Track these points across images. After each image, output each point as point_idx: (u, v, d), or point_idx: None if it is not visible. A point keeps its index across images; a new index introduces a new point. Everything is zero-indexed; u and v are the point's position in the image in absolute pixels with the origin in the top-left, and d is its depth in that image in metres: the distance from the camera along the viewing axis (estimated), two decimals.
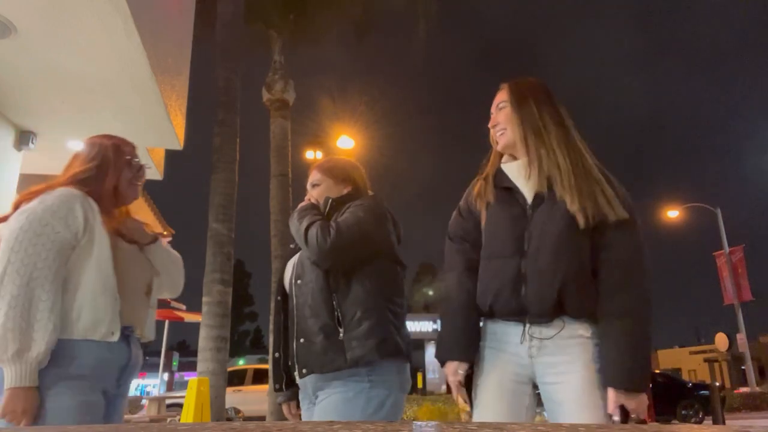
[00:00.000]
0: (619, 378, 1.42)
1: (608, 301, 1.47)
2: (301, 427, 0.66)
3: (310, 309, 1.71)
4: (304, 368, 1.70)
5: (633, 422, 1.44)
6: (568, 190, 1.52)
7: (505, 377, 1.57)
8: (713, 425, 0.73)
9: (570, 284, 1.48)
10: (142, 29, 3.27)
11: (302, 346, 1.71)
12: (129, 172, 1.83)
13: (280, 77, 10.91)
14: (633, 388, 1.41)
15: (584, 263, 1.50)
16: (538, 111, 1.62)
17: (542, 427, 0.67)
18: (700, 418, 12.19)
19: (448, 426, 0.69)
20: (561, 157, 1.56)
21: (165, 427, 0.72)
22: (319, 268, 1.72)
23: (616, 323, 1.45)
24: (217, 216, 7.23)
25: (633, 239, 1.51)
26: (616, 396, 1.42)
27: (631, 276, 1.48)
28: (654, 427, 0.67)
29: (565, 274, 1.48)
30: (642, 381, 1.43)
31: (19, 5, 3.01)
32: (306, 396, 1.80)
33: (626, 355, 1.42)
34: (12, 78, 3.76)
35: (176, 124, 4.61)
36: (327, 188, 1.91)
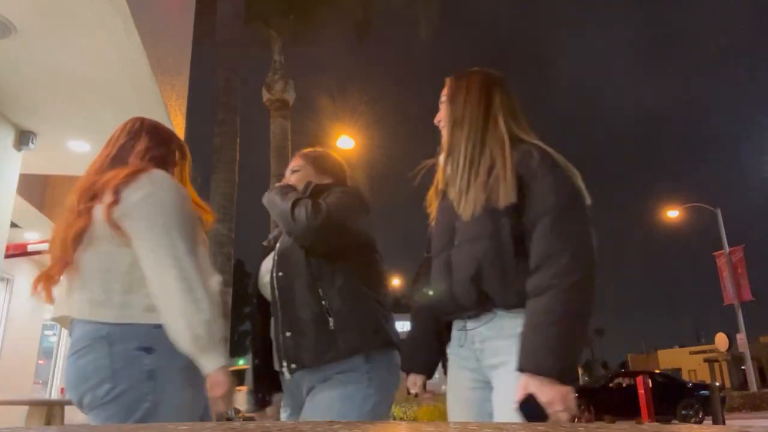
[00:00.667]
0: (524, 360, 1.24)
1: (528, 281, 1.31)
2: (301, 427, 0.66)
3: (296, 301, 1.62)
4: (293, 363, 1.59)
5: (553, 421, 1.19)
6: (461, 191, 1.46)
7: (464, 386, 1.49)
8: (713, 425, 0.73)
9: (487, 270, 1.37)
10: (142, 29, 3.28)
11: (290, 340, 1.60)
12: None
13: (280, 77, 10.92)
14: (542, 372, 1.20)
15: (505, 247, 1.36)
16: (464, 103, 1.55)
17: (542, 427, 0.67)
18: (700, 418, 12.19)
19: (448, 426, 0.69)
20: (462, 154, 1.49)
21: (165, 427, 0.72)
22: (304, 249, 1.64)
23: (530, 304, 1.29)
24: (217, 216, 7.23)
25: (548, 214, 1.33)
26: (524, 382, 1.22)
27: (547, 252, 1.30)
28: (654, 427, 0.67)
29: (480, 259, 1.38)
30: (555, 366, 1.20)
31: (19, 5, 3.01)
32: (292, 398, 1.72)
33: (536, 335, 1.25)
34: (12, 78, 3.76)
35: (176, 124, 4.62)
36: (306, 175, 1.85)
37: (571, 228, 1.32)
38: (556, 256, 1.29)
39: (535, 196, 1.36)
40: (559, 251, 1.29)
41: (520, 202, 1.37)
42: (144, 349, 1.39)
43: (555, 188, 1.36)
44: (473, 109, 1.53)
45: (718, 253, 20.71)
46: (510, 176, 1.39)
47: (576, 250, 1.29)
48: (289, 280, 1.65)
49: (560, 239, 1.30)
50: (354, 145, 14.40)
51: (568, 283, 1.26)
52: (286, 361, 1.61)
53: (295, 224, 1.60)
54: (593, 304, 1.28)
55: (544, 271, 1.29)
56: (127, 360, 1.37)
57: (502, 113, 1.51)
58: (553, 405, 1.19)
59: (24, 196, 5.65)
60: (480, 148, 1.47)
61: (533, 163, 1.39)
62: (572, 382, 1.20)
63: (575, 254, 1.29)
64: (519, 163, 1.40)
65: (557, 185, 1.36)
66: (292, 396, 1.72)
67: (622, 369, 43.41)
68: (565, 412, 1.19)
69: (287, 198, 1.65)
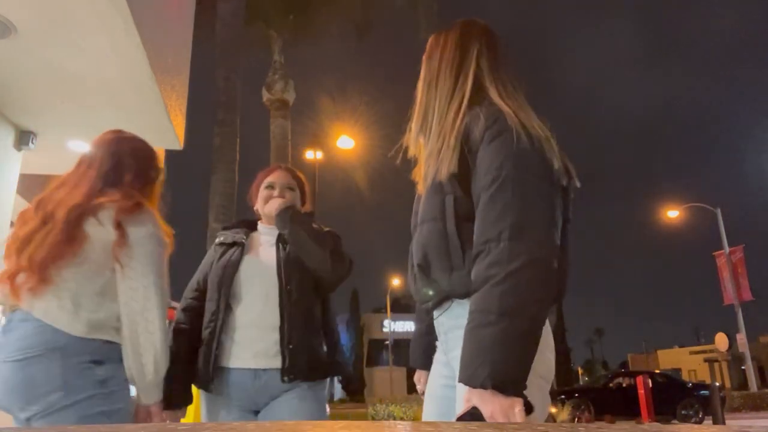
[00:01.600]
0: (461, 370, 1.05)
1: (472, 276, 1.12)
2: (302, 427, 0.66)
3: (301, 319, 1.78)
4: (291, 374, 1.73)
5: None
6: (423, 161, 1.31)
7: (437, 382, 1.37)
8: (713, 425, 0.73)
9: (433, 255, 1.21)
10: (142, 29, 3.27)
11: (292, 352, 1.74)
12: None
13: (280, 77, 10.93)
14: (476, 384, 1.01)
15: (449, 228, 1.18)
16: (439, 62, 1.34)
17: (541, 427, 0.67)
18: (700, 418, 12.19)
19: (448, 426, 0.69)
20: (435, 120, 1.30)
21: (165, 427, 0.72)
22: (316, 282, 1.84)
23: (473, 299, 1.09)
24: (217, 216, 7.24)
25: (488, 189, 1.12)
26: (467, 394, 1.04)
27: (484, 235, 1.09)
28: (654, 427, 0.67)
29: (425, 244, 1.23)
30: (491, 376, 0.99)
31: (19, 5, 3.01)
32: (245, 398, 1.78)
33: (469, 340, 1.05)
34: (12, 78, 3.76)
35: (176, 124, 4.61)
36: (296, 198, 2.01)
37: (514, 205, 1.08)
38: (493, 240, 1.07)
39: (478, 167, 1.16)
40: (497, 235, 1.07)
41: (466, 175, 1.18)
42: (95, 362, 1.50)
43: (498, 158, 1.13)
44: (447, 66, 1.32)
45: (718, 253, 20.71)
46: (453, 143, 1.19)
47: (517, 232, 1.06)
48: (294, 296, 1.79)
49: (500, 221, 1.08)
50: (354, 145, 14.41)
51: (506, 272, 1.03)
52: (286, 370, 1.73)
53: (333, 273, 1.81)
54: (544, 293, 1.06)
55: (480, 260, 1.09)
56: (79, 371, 1.47)
57: (474, 66, 1.30)
58: (494, 420, 0.99)
59: (24, 196, 5.65)
60: (448, 111, 1.27)
61: (479, 127, 1.18)
62: (516, 393, 1.00)
63: (515, 236, 1.05)
64: (466, 128, 1.21)
65: (501, 153, 1.13)
66: (245, 396, 1.78)
67: (622, 369, 43.39)
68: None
69: (321, 242, 1.82)
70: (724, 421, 10.00)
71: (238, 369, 1.76)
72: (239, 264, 1.85)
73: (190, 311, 1.90)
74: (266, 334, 1.76)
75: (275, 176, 1.99)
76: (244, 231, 1.97)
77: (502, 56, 1.35)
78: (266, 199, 1.94)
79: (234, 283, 1.82)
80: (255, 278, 1.82)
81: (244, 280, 1.83)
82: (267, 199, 1.94)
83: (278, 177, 1.98)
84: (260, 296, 1.80)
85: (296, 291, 1.79)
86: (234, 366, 1.76)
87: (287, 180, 1.98)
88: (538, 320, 1.05)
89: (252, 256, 1.88)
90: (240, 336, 1.78)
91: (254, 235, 1.98)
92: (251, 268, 1.85)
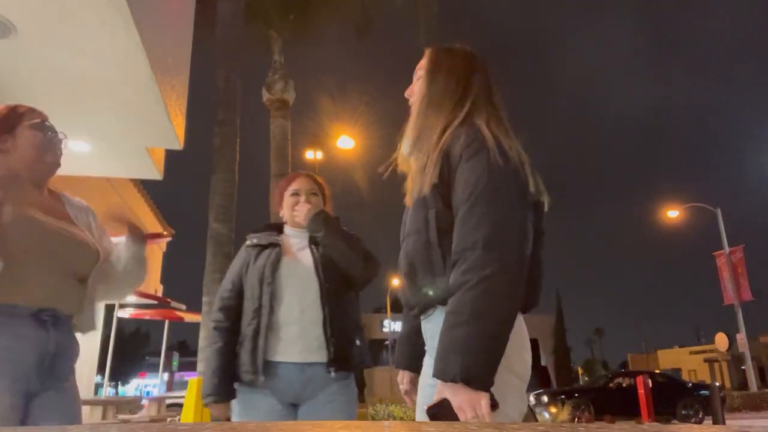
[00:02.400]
0: (435, 364, 1.16)
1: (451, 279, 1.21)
2: (302, 428, 0.66)
3: (339, 313, 1.93)
4: (335, 365, 1.88)
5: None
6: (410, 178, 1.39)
7: (425, 382, 1.42)
8: (713, 425, 0.73)
9: (418, 265, 1.30)
10: (142, 29, 3.27)
11: (335, 345, 1.89)
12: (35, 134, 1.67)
13: (280, 77, 10.92)
14: (447, 378, 1.11)
15: (431, 239, 1.27)
16: (444, 85, 1.42)
17: (542, 427, 0.67)
18: (700, 418, 12.20)
19: (448, 426, 0.69)
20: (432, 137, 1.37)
21: (165, 427, 0.72)
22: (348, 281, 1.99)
23: (449, 303, 1.19)
24: (217, 216, 7.23)
25: (466, 203, 1.22)
26: (439, 387, 1.14)
27: (461, 245, 1.19)
28: (654, 427, 0.67)
29: (411, 255, 1.33)
30: (461, 370, 1.09)
31: (19, 5, 3.01)
32: (287, 390, 1.89)
33: (444, 337, 1.16)
34: (12, 78, 3.76)
35: (176, 124, 4.61)
36: (320, 202, 2.12)
37: (489, 218, 1.18)
38: (469, 249, 1.17)
39: (456, 182, 1.25)
40: (472, 244, 1.17)
41: (447, 189, 1.27)
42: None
43: (475, 174, 1.22)
44: (452, 92, 1.40)
45: (718, 253, 20.71)
46: (436, 158, 1.29)
47: (490, 242, 1.15)
48: (333, 294, 1.94)
49: (474, 231, 1.18)
50: (354, 145, 14.40)
51: (478, 278, 1.13)
52: (332, 362, 1.88)
53: (363, 272, 1.97)
54: (512, 300, 1.16)
55: (457, 267, 1.18)
56: None
57: (471, 99, 1.39)
58: (462, 411, 1.09)
59: None
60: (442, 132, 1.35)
61: (459, 146, 1.27)
62: (483, 388, 1.10)
63: (489, 246, 1.15)
64: (448, 145, 1.30)
65: (477, 170, 1.23)
66: (290, 390, 1.90)
67: (622, 369, 43.37)
68: (476, 419, 1.09)
69: (353, 245, 1.98)
70: (724, 421, 10.00)
71: (284, 363, 1.89)
72: (278, 263, 1.97)
73: (227, 310, 2.01)
74: (308, 330, 1.90)
75: (299, 183, 2.12)
76: (275, 234, 2.11)
77: (494, 86, 1.46)
78: (293, 206, 2.08)
79: (275, 282, 1.94)
80: (294, 277, 1.96)
81: (284, 279, 1.95)
82: (294, 205, 2.07)
83: (302, 183, 2.12)
84: (301, 294, 1.93)
85: (334, 289, 1.94)
86: (280, 360, 1.89)
87: (311, 186, 2.12)
88: (506, 323, 1.15)
89: (289, 257, 2.01)
90: (284, 332, 1.90)
91: (283, 238, 2.10)
92: (290, 268, 1.98)
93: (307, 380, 1.89)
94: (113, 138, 4.64)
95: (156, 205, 12.26)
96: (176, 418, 8.96)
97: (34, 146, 1.64)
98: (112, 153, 4.94)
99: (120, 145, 4.77)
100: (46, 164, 1.67)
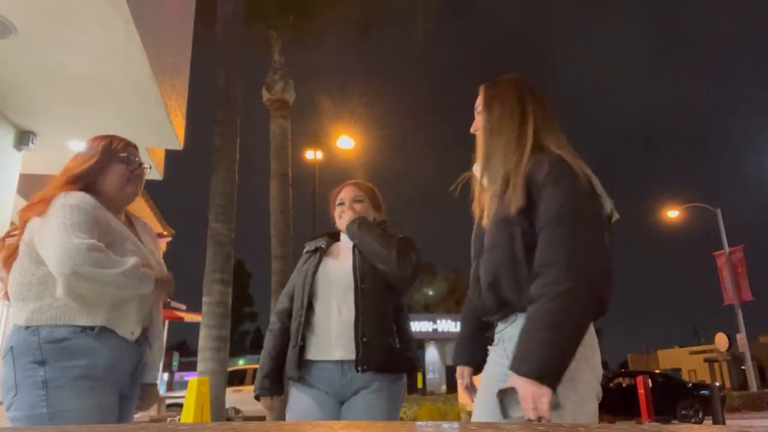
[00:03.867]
0: (514, 360, 1.35)
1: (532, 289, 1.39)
2: (302, 427, 0.66)
3: (373, 314, 1.97)
4: (365, 365, 1.91)
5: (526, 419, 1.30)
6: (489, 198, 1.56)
7: (492, 382, 1.56)
8: (713, 425, 0.73)
9: (504, 277, 1.47)
10: (142, 29, 3.28)
11: (366, 345, 1.93)
12: (121, 167, 1.83)
13: (280, 77, 10.92)
14: (522, 373, 1.30)
15: (518, 253, 1.44)
16: (500, 114, 1.61)
17: (542, 427, 0.67)
18: (700, 418, 12.20)
19: (449, 426, 0.69)
20: (499, 164, 1.56)
21: (165, 427, 0.72)
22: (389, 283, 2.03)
23: (529, 309, 1.37)
24: (217, 216, 7.23)
25: (550, 224, 1.40)
26: (513, 378, 1.34)
27: (543, 261, 1.37)
28: (654, 427, 0.67)
29: (497, 267, 1.49)
30: (530, 365, 1.30)
31: (19, 5, 3.01)
32: (328, 387, 1.98)
33: (523, 340, 1.35)
34: (12, 78, 3.76)
35: (176, 124, 4.61)
36: (368, 208, 2.23)
37: (571, 239, 1.37)
38: (550, 265, 1.35)
39: (541, 205, 1.43)
40: (554, 261, 1.35)
41: (532, 211, 1.44)
42: (38, 363, 1.56)
43: (558, 198, 1.41)
44: (508, 119, 1.59)
45: (718, 253, 20.71)
46: (520, 184, 1.46)
47: (571, 261, 1.34)
48: (368, 294, 2.00)
49: (557, 250, 1.36)
50: (354, 145, 14.41)
51: (557, 291, 1.32)
52: (360, 360, 1.92)
53: (399, 272, 2.00)
54: (587, 312, 1.35)
55: (538, 280, 1.36)
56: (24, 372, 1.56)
57: (532, 122, 1.57)
58: (525, 401, 1.29)
59: (24, 196, 5.64)
60: (513, 157, 1.53)
61: (542, 172, 1.45)
62: (551, 385, 1.28)
63: (570, 265, 1.34)
64: (530, 172, 1.47)
65: (561, 195, 1.41)
66: (332, 388, 1.99)
67: (622, 369, 43.37)
68: (534, 410, 1.28)
69: (388, 244, 2.03)
70: (724, 421, 10.01)
71: (323, 361, 1.98)
72: (318, 267, 2.10)
73: (280, 313, 2.19)
74: (344, 329, 1.97)
75: (344, 193, 2.26)
76: (326, 240, 2.24)
77: (551, 110, 1.63)
78: (339, 215, 2.21)
79: (314, 284, 2.06)
80: (333, 279, 2.06)
81: (323, 281, 2.06)
82: (340, 214, 2.21)
83: (346, 193, 2.25)
84: (338, 295, 2.02)
85: (370, 290, 2.00)
86: (319, 358, 1.98)
87: (354, 194, 2.24)
88: (578, 334, 1.33)
89: (332, 260, 2.13)
90: (321, 331, 2.00)
91: (338, 243, 2.24)
92: (330, 270, 2.09)
93: (347, 378, 1.96)
94: None
95: (156, 205, 12.27)
96: (176, 418, 8.96)
97: (118, 178, 1.82)
98: None
99: None
100: (127, 195, 1.85)
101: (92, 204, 1.67)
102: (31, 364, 1.56)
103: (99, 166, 1.78)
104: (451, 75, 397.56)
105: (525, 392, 1.29)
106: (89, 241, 1.55)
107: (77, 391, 1.55)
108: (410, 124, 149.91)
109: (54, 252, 1.54)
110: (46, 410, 1.52)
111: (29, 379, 1.55)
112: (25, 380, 1.55)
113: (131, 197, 1.87)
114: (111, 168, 1.80)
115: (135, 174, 1.86)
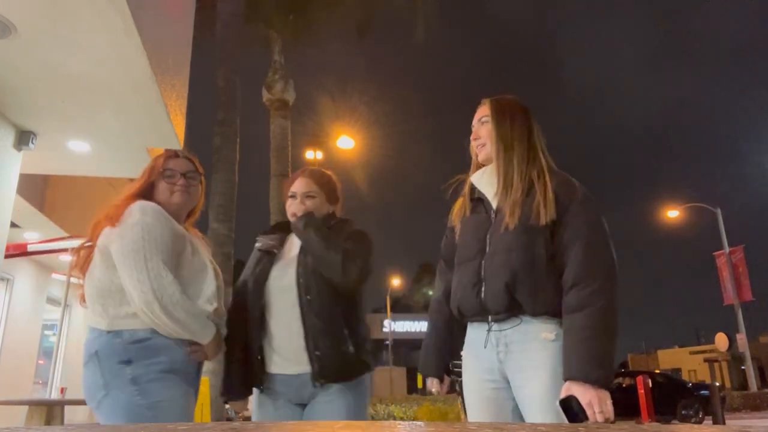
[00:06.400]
0: (567, 367, 1.44)
1: (566, 298, 1.51)
2: (302, 427, 0.66)
3: (322, 325, 1.86)
4: (322, 378, 1.83)
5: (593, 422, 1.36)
6: (510, 205, 1.63)
7: (484, 387, 1.64)
8: (713, 425, 0.73)
9: (520, 279, 1.54)
10: (142, 29, 3.27)
11: (319, 358, 1.84)
12: (163, 183, 1.94)
13: (280, 77, 10.93)
14: (588, 380, 1.39)
15: (538, 260, 1.55)
16: (511, 129, 1.73)
17: (542, 427, 0.67)
18: (700, 418, 12.20)
19: (448, 426, 0.69)
20: (516, 174, 1.67)
21: (165, 427, 0.72)
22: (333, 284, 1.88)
23: (570, 318, 1.48)
24: (217, 216, 7.23)
25: (584, 236, 1.54)
26: (567, 386, 1.42)
27: (583, 272, 1.50)
28: (654, 427, 0.67)
29: (516, 269, 1.55)
30: (593, 372, 1.40)
31: (19, 5, 3.01)
32: (289, 394, 1.93)
33: (576, 346, 1.44)
34: (12, 78, 3.76)
35: (176, 124, 4.61)
36: (321, 203, 2.05)
37: (602, 254, 1.53)
38: (589, 278, 1.48)
39: (571, 219, 1.56)
40: (593, 274, 1.48)
41: (556, 225, 1.56)
42: (124, 362, 1.67)
43: (589, 216, 1.57)
44: (521, 134, 1.72)
45: (718, 253, 20.70)
46: (551, 197, 1.58)
47: (606, 275, 1.49)
48: (315, 305, 1.87)
49: (593, 264, 1.50)
50: (354, 145, 14.41)
51: (601, 303, 1.45)
52: (316, 375, 1.84)
53: (343, 278, 1.85)
54: (618, 316, 1.48)
55: (580, 290, 1.48)
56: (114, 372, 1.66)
57: (539, 142, 1.73)
58: (590, 407, 1.37)
59: (24, 196, 5.64)
60: (526, 170, 1.67)
61: (571, 190, 1.61)
62: (608, 388, 1.40)
63: (606, 278, 1.49)
64: (558, 188, 1.61)
65: (591, 214, 1.58)
66: (291, 393, 1.93)
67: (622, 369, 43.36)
68: (601, 413, 1.37)
69: (333, 248, 1.87)
70: (724, 421, 10.00)
71: (282, 374, 1.90)
72: (268, 275, 1.97)
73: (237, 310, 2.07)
74: (295, 343, 1.87)
75: (296, 185, 2.07)
76: (279, 237, 2.08)
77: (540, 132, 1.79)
78: (289, 208, 2.05)
79: (265, 294, 1.95)
80: (282, 289, 1.93)
81: (272, 291, 1.95)
82: (289, 207, 2.05)
83: (298, 185, 2.06)
84: (287, 308, 1.90)
85: (316, 301, 1.88)
86: (277, 372, 1.91)
87: (307, 187, 2.05)
88: (616, 339, 1.47)
89: (280, 266, 1.99)
90: (277, 344, 1.91)
91: (290, 238, 2.08)
92: (278, 279, 1.96)
93: (307, 389, 1.89)
94: (113, 138, 4.63)
95: None
96: None
97: (162, 192, 1.92)
98: (111, 153, 4.94)
99: (120, 145, 4.77)
100: (175, 205, 1.93)
101: (165, 215, 1.80)
102: (119, 365, 1.66)
103: (147, 185, 1.92)
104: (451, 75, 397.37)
105: (589, 397, 1.38)
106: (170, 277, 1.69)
107: (165, 382, 1.68)
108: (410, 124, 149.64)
109: (135, 291, 1.66)
110: (143, 402, 1.63)
111: (119, 378, 1.65)
112: (114, 380, 1.65)
113: (180, 206, 1.95)
114: (158, 186, 1.93)
115: (178, 185, 1.93)
